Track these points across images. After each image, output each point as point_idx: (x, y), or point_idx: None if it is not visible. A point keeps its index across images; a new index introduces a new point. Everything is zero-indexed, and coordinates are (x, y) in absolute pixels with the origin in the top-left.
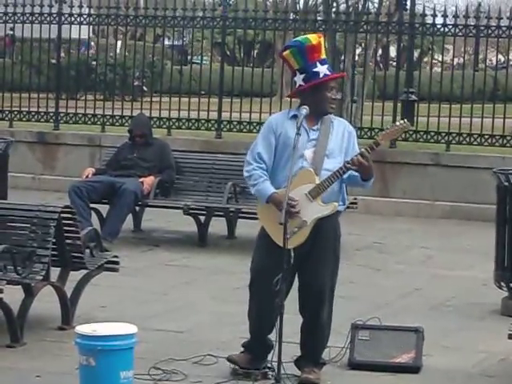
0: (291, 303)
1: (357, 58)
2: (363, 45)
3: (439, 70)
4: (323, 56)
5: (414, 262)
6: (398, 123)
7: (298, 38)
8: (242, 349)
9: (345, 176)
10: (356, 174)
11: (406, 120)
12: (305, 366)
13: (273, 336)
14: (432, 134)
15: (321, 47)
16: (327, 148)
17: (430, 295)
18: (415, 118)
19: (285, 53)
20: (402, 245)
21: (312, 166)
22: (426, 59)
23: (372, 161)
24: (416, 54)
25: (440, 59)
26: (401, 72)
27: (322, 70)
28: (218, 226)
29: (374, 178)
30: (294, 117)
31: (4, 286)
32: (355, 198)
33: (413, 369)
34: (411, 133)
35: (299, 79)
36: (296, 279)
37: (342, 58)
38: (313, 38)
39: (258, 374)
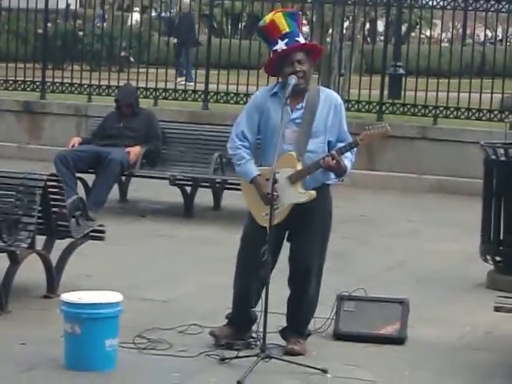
0: (277, 274)
1: (344, 31)
2: (351, 18)
3: (427, 46)
4: (285, 30)
5: (400, 235)
6: (379, 125)
7: (260, 21)
8: (226, 321)
9: None
10: None
11: (387, 124)
12: (290, 336)
13: (257, 308)
14: (419, 107)
15: (276, 24)
16: (312, 128)
17: (415, 268)
18: (402, 92)
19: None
20: (388, 218)
21: (295, 148)
22: (413, 34)
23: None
24: (404, 28)
25: (428, 34)
26: (389, 46)
27: (280, 45)
28: (204, 197)
29: (353, 163)
30: (275, 94)
31: None
32: None
33: (397, 340)
34: (398, 106)
35: None
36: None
37: (330, 30)
38: (267, 18)
39: (240, 344)
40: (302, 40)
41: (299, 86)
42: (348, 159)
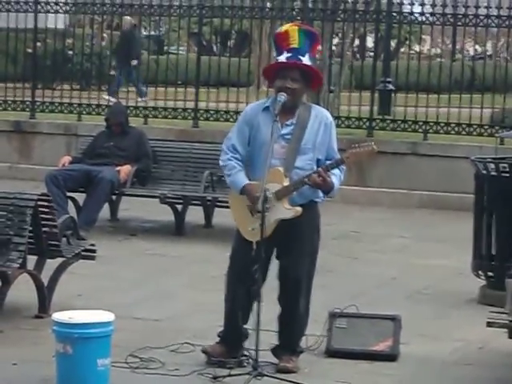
0: (268, 292)
1: (334, 47)
2: (340, 34)
3: (417, 61)
4: (293, 45)
5: (391, 251)
6: (366, 144)
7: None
8: (218, 339)
9: None
10: None
11: (373, 143)
12: (282, 354)
13: (248, 325)
14: (409, 123)
15: (288, 35)
16: (301, 144)
17: (406, 284)
18: (392, 108)
19: None
20: (378, 234)
21: (283, 163)
22: (403, 49)
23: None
24: (393, 44)
25: (417, 50)
26: (378, 62)
27: (282, 58)
28: (195, 215)
29: (342, 180)
30: (267, 109)
31: None
32: None
33: (390, 357)
34: (388, 122)
35: None
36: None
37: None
38: (284, 27)
39: (233, 362)
40: (306, 60)
41: (287, 104)
42: (336, 177)
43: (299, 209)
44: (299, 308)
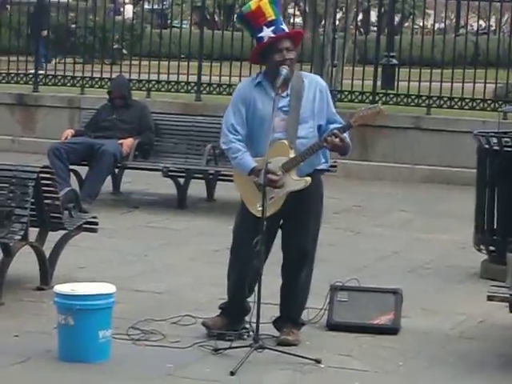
0: (270, 265)
1: (337, 22)
2: (344, 9)
3: (420, 36)
4: (270, 18)
5: (393, 226)
6: (372, 106)
7: (243, 8)
8: (219, 311)
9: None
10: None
11: (380, 104)
12: (283, 326)
13: (250, 299)
14: (413, 97)
15: (262, 10)
16: (300, 114)
17: (408, 258)
18: (396, 82)
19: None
20: (381, 208)
21: (285, 136)
22: (407, 24)
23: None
24: (397, 18)
25: (421, 24)
26: (382, 36)
27: (267, 33)
28: (197, 188)
29: (352, 144)
30: (259, 84)
31: None
32: (335, 161)
33: (391, 330)
34: (392, 96)
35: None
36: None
37: (323, 21)
38: (252, 4)
39: (233, 335)
40: (285, 27)
41: (288, 76)
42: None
43: (308, 179)
44: (302, 278)
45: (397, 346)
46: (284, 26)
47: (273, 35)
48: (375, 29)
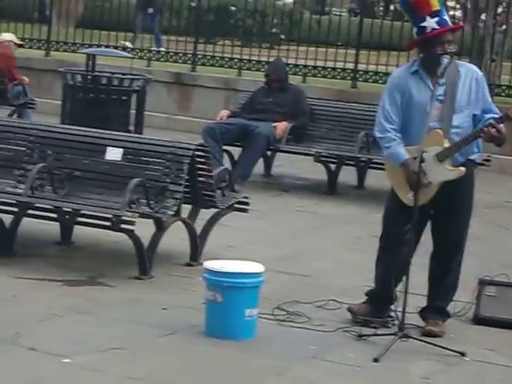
0: (419, 256)
1: (498, 16)
2: (504, 4)
3: None
4: (435, 8)
5: None
6: None
7: None
8: (365, 298)
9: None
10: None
11: None
12: (429, 317)
13: (397, 288)
14: None
15: (427, 0)
16: (455, 103)
17: None
18: None
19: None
20: None
21: (440, 124)
22: None
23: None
24: None
25: None
26: None
27: (430, 23)
28: (348, 175)
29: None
30: (415, 72)
31: (136, 219)
32: (489, 156)
33: None
34: None
35: (414, 33)
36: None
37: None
38: None
39: (378, 322)
40: (448, 19)
41: (447, 66)
42: None
43: (463, 169)
44: (452, 267)
45: None
46: (447, 18)
47: (437, 27)
48: None
